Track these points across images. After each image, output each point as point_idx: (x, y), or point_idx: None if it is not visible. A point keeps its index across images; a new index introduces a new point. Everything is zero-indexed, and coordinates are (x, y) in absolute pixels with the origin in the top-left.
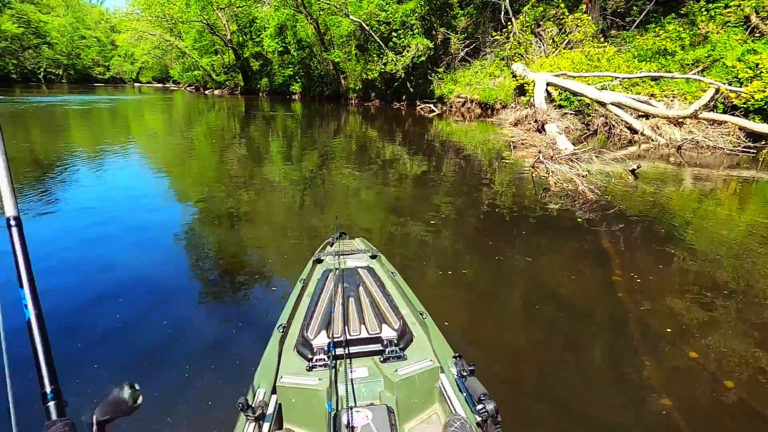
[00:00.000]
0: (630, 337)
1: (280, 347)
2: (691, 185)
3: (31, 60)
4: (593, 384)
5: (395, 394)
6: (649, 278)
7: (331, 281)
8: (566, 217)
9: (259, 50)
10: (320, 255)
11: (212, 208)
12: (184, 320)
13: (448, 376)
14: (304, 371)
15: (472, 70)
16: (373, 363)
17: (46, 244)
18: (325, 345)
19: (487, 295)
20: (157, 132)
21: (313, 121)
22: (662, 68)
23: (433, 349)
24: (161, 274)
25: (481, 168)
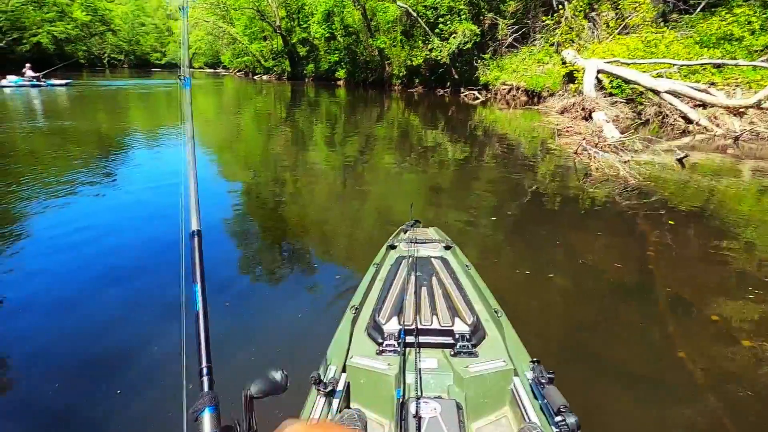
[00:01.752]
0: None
1: (352, 328)
2: (750, 178)
3: (97, 46)
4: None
5: (464, 390)
6: (700, 275)
7: (404, 268)
8: (613, 207)
9: (306, 36)
10: (394, 241)
11: (264, 190)
12: (256, 300)
13: (522, 381)
14: (374, 354)
15: (519, 56)
16: (443, 356)
17: (108, 215)
18: (395, 331)
19: (538, 279)
20: (208, 116)
21: (357, 107)
22: (727, 55)
23: (507, 350)
24: (223, 256)
25: (524, 155)
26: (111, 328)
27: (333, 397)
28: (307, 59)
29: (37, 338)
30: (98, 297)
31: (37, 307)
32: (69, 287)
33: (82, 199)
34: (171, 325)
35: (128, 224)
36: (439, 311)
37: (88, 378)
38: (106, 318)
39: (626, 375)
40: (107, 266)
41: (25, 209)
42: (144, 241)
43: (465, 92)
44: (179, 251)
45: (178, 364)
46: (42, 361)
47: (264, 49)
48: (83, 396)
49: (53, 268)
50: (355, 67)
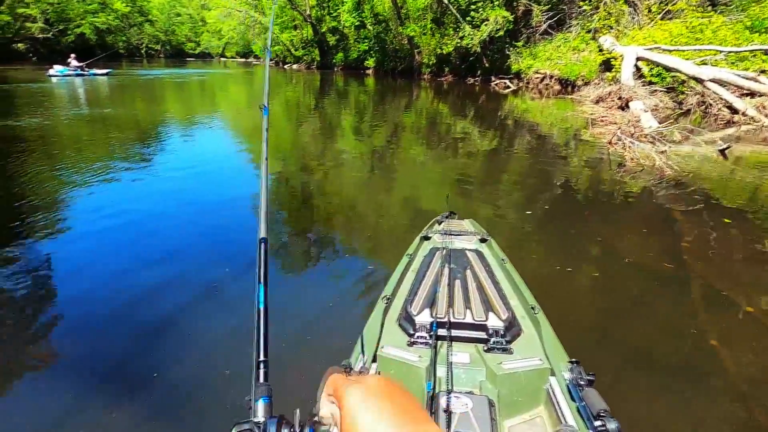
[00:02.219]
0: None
1: (383, 318)
2: None
3: (136, 36)
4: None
5: (497, 387)
6: (744, 275)
7: (438, 260)
8: (649, 199)
9: (336, 25)
10: (428, 232)
11: (294, 177)
12: (287, 288)
13: (559, 381)
14: (405, 345)
15: (554, 43)
16: (475, 350)
17: (145, 199)
18: (427, 323)
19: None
20: (240, 105)
21: (386, 96)
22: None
23: (544, 348)
24: (253, 243)
25: (556, 145)
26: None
27: None
28: (337, 48)
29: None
30: (152, 280)
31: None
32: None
33: (138, 184)
34: (223, 315)
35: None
36: (473, 305)
37: (152, 355)
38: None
39: (667, 376)
40: (155, 252)
41: (89, 193)
42: (192, 229)
43: (496, 81)
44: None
45: (232, 354)
46: (107, 328)
47: (294, 39)
48: (148, 371)
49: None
50: (385, 56)
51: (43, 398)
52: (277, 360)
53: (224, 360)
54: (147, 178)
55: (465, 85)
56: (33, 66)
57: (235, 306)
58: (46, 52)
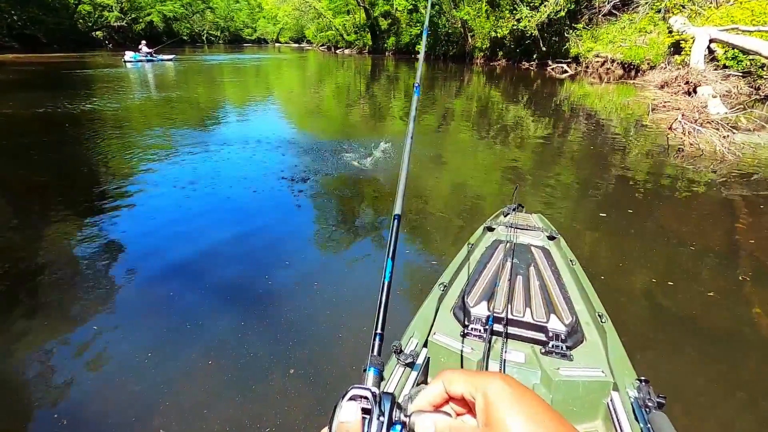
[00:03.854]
0: None
1: (438, 305)
2: None
3: (198, 23)
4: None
5: (552, 392)
6: None
7: (500, 253)
8: (711, 188)
9: (389, 9)
10: (492, 223)
11: (345, 160)
12: (342, 270)
13: (623, 398)
14: (458, 335)
15: (618, 25)
16: (532, 351)
17: (204, 172)
18: (483, 316)
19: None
20: (293, 88)
21: (436, 80)
22: None
23: (608, 360)
24: (308, 225)
25: (613, 132)
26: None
27: (412, 369)
28: (389, 32)
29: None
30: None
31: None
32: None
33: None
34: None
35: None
36: (534, 304)
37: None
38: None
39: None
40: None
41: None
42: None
43: (552, 65)
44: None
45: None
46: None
47: (347, 23)
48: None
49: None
50: (437, 40)
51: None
52: (322, 343)
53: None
54: (213, 152)
55: (519, 69)
56: (109, 52)
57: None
58: (120, 39)
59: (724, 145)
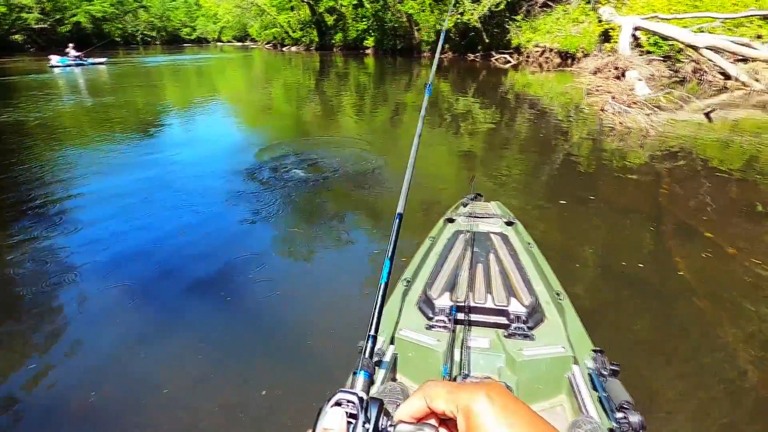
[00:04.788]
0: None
1: (403, 301)
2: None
3: (131, 24)
4: None
5: (516, 374)
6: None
7: (461, 243)
8: (639, 163)
9: (333, 4)
10: (452, 214)
11: (300, 159)
12: (303, 272)
13: (582, 370)
14: (423, 329)
15: (553, 16)
16: (495, 336)
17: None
18: (446, 307)
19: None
20: (239, 88)
21: (386, 75)
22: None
23: (568, 336)
24: (263, 228)
25: (554, 117)
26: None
27: (380, 368)
28: (335, 28)
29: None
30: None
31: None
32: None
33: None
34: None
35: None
36: (495, 289)
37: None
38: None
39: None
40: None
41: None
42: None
43: (496, 56)
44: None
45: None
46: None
47: (291, 20)
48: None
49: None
50: (384, 35)
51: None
52: (291, 342)
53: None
54: (152, 160)
55: (465, 61)
56: (32, 57)
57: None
58: (44, 42)
59: (648, 123)
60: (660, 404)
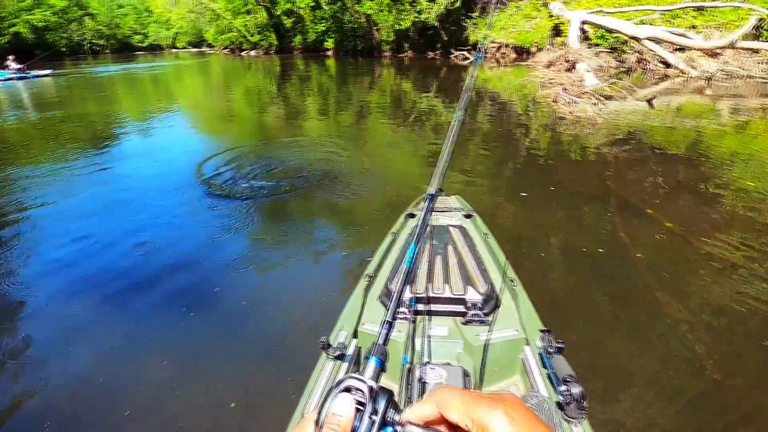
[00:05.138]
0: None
1: (365, 295)
2: (727, 116)
3: (77, 33)
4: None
5: (473, 358)
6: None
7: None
8: (591, 150)
9: (291, 6)
10: (413, 210)
11: (265, 163)
12: (270, 272)
13: (533, 350)
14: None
15: (507, 12)
16: (454, 324)
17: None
18: (407, 299)
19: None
20: (198, 95)
21: (348, 76)
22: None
23: (521, 319)
24: (228, 231)
25: (512, 110)
26: None
27: (342, 362)
28: (294, 31)
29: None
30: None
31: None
32: None
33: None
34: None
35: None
36: (452, 279)
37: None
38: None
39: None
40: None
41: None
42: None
43: (455, 53)
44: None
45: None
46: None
47: (249, 24)
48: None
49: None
50: (343, 36)
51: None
52: (252, 345)
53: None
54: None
55: (425, 59)
56: None
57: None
58: None
59: (595, 112)
60: (603, 376)
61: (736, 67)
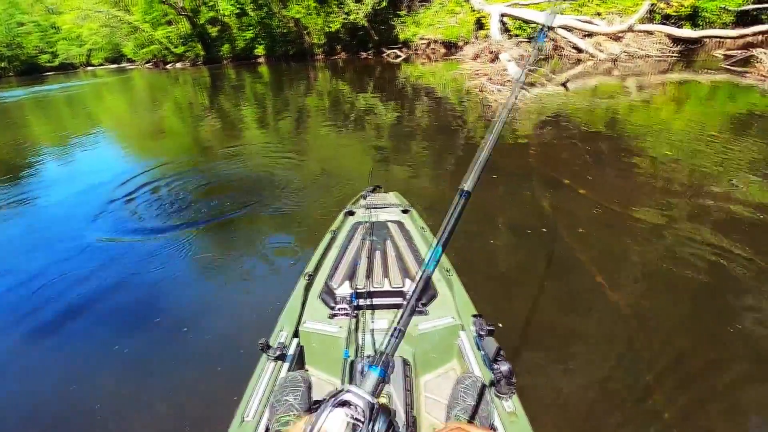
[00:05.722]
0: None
1: (305, 294)
2: (635, 93)
3: None
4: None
5: (413, 347)
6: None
7: (360, 233)
8: (524, 132)
9: (215, 15)
10: (352, 207)
11: (204, 175)
12: (214, 278)
13: (467, 335)
14: (326, 318)
15: (432, 9)
16: (393, 316)
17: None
18: (347, 295)
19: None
20: (121, 114)
21: (283, 82)
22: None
23: (456, 307)
24: (171, 244)
25: (447, 102)
26: None
27: (284, 362)
28: (221, 39)
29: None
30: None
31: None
32: None
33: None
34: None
35: None
36: (391, 273)
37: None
38: None
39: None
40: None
41: None
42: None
43: (387, 52)
44: None
45: None
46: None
47: (171, 35)
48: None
49: None
50: (274, 42)
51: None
52: (194, 358)
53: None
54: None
55: (359, 60)
56: None
57: None
58: None
59: (518, 98)
60: (541, 350)
61: (636, 48)
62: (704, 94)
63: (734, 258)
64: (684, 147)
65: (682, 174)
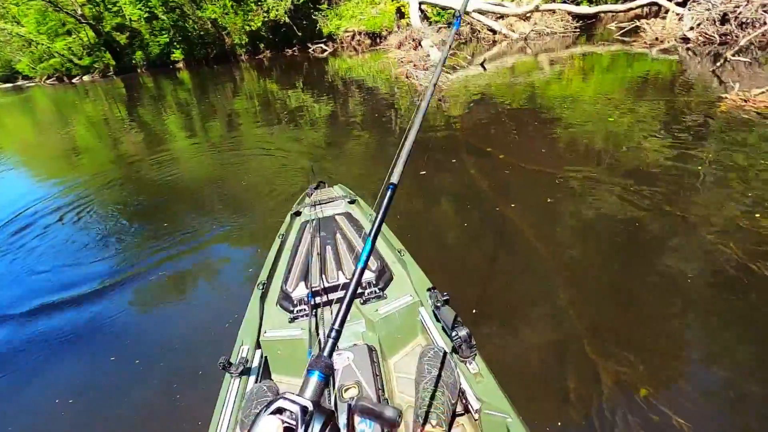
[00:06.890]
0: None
1: (262, 303)
2: (548, 68)
3: None
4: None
5: (377, 332)
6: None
7: (309, 232)
8: (449, 111)
9: (121, 21)
10: (298, 207)
11: (136, 191)
12: (162, 299)
13: (426, 309)
14: (287, 323)
15: (353, 1)
16: (353, 307)
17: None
18: (304, 296)
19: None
20: (24, 137)
21: (207, 86)
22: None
23: (413, 285)
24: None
25: (378, 93)
26: None
27: (249, 375)
28: (132, 47)
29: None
30: None
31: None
32: None
33: None
34: None
35: None
36: (345, 265)
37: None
38: None
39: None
40: None
41: None
42: None
43: (313, 47)
44: None
45: None
46: None
47: (73, 46)
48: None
49: None
50: (192, 45)
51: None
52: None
53: None
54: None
55: (284, 57)
56: None
57: None
58: None
59: (442, 81)
60: (497, 313)
61: (543, 26)
62: (606, 64)
63: (646, 206)
64: (595, 112)
65: (597, 136)
